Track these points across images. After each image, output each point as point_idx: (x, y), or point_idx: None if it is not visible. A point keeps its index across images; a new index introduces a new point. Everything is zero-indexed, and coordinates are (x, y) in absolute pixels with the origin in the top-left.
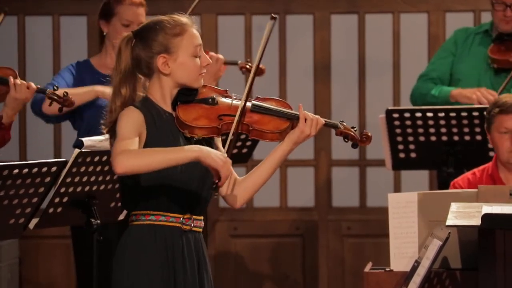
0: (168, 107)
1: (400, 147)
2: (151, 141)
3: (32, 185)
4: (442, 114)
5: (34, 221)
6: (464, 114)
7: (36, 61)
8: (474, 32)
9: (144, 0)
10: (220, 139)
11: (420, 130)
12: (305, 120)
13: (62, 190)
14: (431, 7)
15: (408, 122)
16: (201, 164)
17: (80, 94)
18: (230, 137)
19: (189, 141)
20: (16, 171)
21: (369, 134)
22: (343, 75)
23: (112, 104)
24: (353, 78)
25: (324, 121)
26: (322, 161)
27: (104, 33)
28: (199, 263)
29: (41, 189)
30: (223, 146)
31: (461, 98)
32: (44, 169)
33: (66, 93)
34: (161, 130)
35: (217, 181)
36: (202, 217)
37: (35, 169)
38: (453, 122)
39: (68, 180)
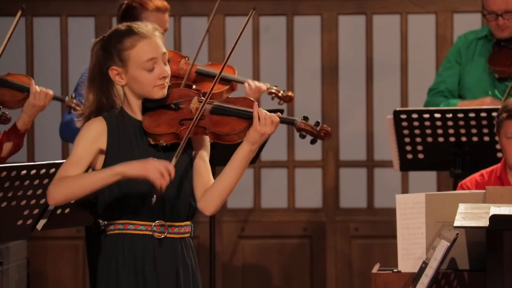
0: (136, 115)
1: (408, 148)
2: (111, 151)
3: (40, 186)
4: (450, 115)
5: (42, 222)
6: (472, 115)
7: (43, 62)
8: (475, 38)
9: (168, 5)
10: (207, 145)
11: (428, 131)
12: (259, 118)
13: None
14: (439, 8)
15: (416, 123)
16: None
17: None
18: (182, 141)
19: (156, 148)
20: (24, 172)
21: (328, 129)
22: (350, 76)
23: (83, 109)
24: (360, 79)
25: (278, 119)
26: (330, 162)
27: None
28: (178, 271)
29: None
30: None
31: None
32: (52, 170)
33: (74, 96)
34: (125, 139)
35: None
36: (182, 223)
37: (43, 170)
38: (461, 123)
39: None
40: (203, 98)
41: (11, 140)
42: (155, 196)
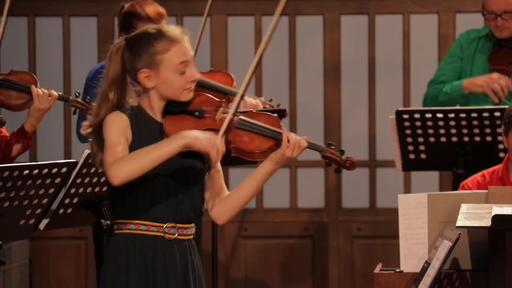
0: (157, 117)
1: (410, 148)
2: (135, 144)
3: (42, 186)
4: (452, 115)
5: (45, 222)
6: (474, 115)
7: (46, 62)
8: (477, 37)
9: (163, 10)
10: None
11: (430, 131)
12: (288, 142)
13: (72, 191)
14: (441, 8)
15: (418, 123)
16: (183, 171)
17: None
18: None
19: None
20: (26, 172)
21: (354, 160)
22: (353, 76)
23: (98, 108)
24: (363, 79)
25: (307, 144)
26: None
27: None
28: (186, 272)
29: (51, 190)
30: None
31: (473, 87)
32: (54, 170)
33: (89, 99)
34: (146, 137)
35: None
36: (190, 225)
37: (45, 170)
38: (463, 123)
39: (78, 181)
40: (228, 109)
41: (20, 141)
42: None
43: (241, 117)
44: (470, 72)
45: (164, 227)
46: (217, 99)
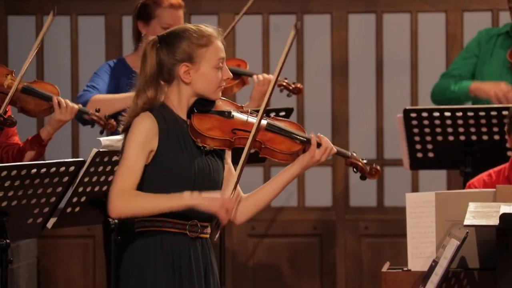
0: (183, 115)
1: (418, 146)
2: (162, 150)
3: (50, 185)
4: (460, 114)
5: (52, 220)
6: (482, 113)
7: (54, 61)
8: (496, 34)
9: (182, 1)
10: (230, 154)
11: (438, 130)
12: (318, 146)
13: (80, 189)
14: (449, 7)
15: (426, 122)
16: (209, 171)
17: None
18: (245, 152)
19: (200, 150)
20: (34, 170)
21: (378, 168)
22: (360, 75)
23: (134, 104)
24: (370, 78)
25: (336, 150)
26: (340, 161)
27: (142, 34)
28: (206, 270)
29: (59, 189)
30: (237, 163)
31: (479, 93)
32: (62, 168)
33: (108, 116)
34: (174, 138)
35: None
36: (209, 223)
37: (53, 169)
38: (471, 121)
39: (86, 179)
40: (255, 111)
41: (34, 149)
42: (218, 232)
43: (269, 120)
44: (488, 66)
45: (188, 224)
46: (238, 105)
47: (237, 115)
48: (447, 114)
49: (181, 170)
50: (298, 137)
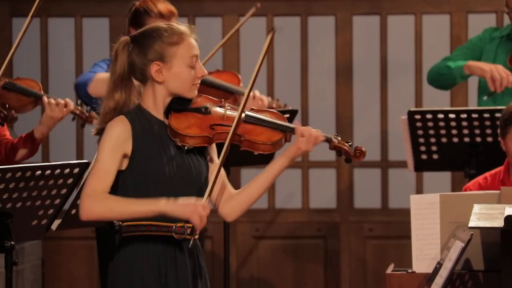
0: (160, 115)
1: (422, 148)
2: (137, 153)
3: (55, 187)
4: (464, 116)
5: (57, 222)
6: (486, 115)
7: (58, 62)
8: (498, 36)
9: (174, 9)
10: (215, 149)
11: (442, 132)
12: (302, 135)
13: None
14: (454, 8)
15: (430, 124)
16: (190, 170)
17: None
18: (225, 148)
19: (180, 149)
20: (39, 172)
21: (363, 149)
22: (365, 77)
23: (105, 107)
24: (375, 80)
25: (323, 138)
26: (344, 163)
27: None
28: (194, 273)
29: (64, 191)
30: (218, 157)
31: (475, 70)
32: (67, 170)
33: (89, 109)
34: (150, 140)
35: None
36: None
37: (58, 171)
38: (476, 123)
39: None
40: (232, 105)
41: (27, 147)
42: (193, 239)
43: (247, 112)
44: None
45: (174, 227)
46: (216, 99)
47: (214, 110)
48: (452, 115)
49: (159, 172)
50: (278, 126)
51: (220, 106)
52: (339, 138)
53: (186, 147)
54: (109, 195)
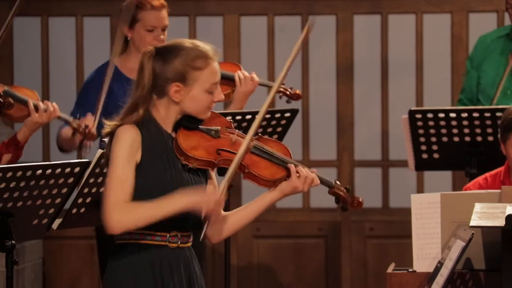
0: (169, 128)
1: (423, 147)
2: (144, 163)
3: (56, 186)
4: (465, 115)
5: (58, 221)
6: (487, 114)
7: (59, 62)
8: (497, 36)
9: (165, 1)
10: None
11: (443, 131)
12: (298, 176)
13: (85, 190)
14: (455, 8)
15: (431, 123)
16: (190, 187)
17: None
18: (228, 175)
19: (183, 167)
20: (40, 171)
21: (361, 200)
22: (366, 76)
23: (124, 114)
24: (375, 79)
25: (319, 182)
26: (345, 162)
27: (128, 38)
28: (190, 280)
29: (64, 190)
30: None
31: None
32: (67, 169)
33: (87, 125)
34: (157, 152)
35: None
36: (190, 233)
37: (58, 170)
38: (476, 122)
39: (91, 180)
40: (243, 133)
41: (11, 151)
42: (206, 226)
43: (255, 143)
44: (488, 69)
45: (167, 236)
46: (227, 119)
47: (224, 134)
48: (453, 115)
49: (160, 185)
50: (285, 162)
51: (230, 130)
52: (338, 183)
53: (189, 166)
54: (131, 204)
